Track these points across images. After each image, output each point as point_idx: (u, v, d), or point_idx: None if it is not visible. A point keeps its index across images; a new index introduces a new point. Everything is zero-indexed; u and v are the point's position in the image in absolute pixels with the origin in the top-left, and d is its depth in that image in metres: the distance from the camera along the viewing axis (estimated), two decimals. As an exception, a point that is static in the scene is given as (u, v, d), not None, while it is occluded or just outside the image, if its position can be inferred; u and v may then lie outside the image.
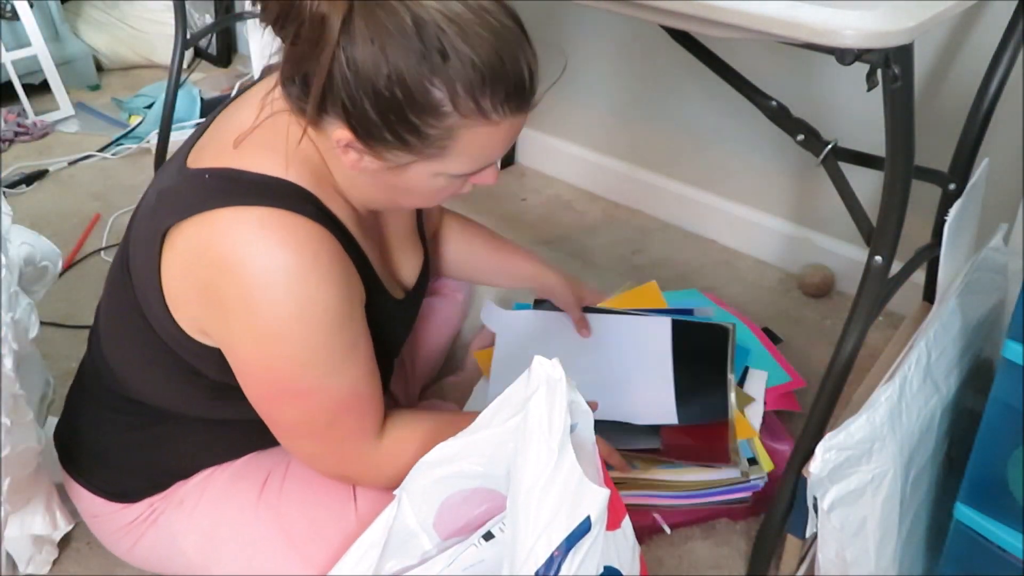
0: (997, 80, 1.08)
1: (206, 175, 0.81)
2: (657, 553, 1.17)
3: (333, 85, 0.73)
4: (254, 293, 0.77)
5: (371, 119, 0.75)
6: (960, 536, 0.87)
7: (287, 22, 0.73)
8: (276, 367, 0.81)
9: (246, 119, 0.83)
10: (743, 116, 1.66)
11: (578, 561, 0.71)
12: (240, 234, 0.77)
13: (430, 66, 0.72)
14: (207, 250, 0.78)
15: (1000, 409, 0.83)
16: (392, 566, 0.86)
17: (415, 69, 0.72)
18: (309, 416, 0.85)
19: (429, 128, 0.75)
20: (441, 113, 0.75)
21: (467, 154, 0.79)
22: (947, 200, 1.15)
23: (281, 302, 0.77)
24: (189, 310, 0.83)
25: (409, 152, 0.78)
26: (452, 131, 0.76)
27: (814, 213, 1.69)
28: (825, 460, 0.85)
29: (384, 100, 0.73)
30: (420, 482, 0.84)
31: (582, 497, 0.71)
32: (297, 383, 0.82)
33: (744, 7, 0.77)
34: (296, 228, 0.78)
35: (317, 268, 0.78)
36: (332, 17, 0.70)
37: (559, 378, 0.74)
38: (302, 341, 0.80)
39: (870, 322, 0.99)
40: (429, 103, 0.74)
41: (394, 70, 0.72)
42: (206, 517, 0.98)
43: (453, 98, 0.74)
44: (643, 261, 1.79)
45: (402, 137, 0.76)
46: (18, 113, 2.32)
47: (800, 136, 1.12)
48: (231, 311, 0.79)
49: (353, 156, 0.79)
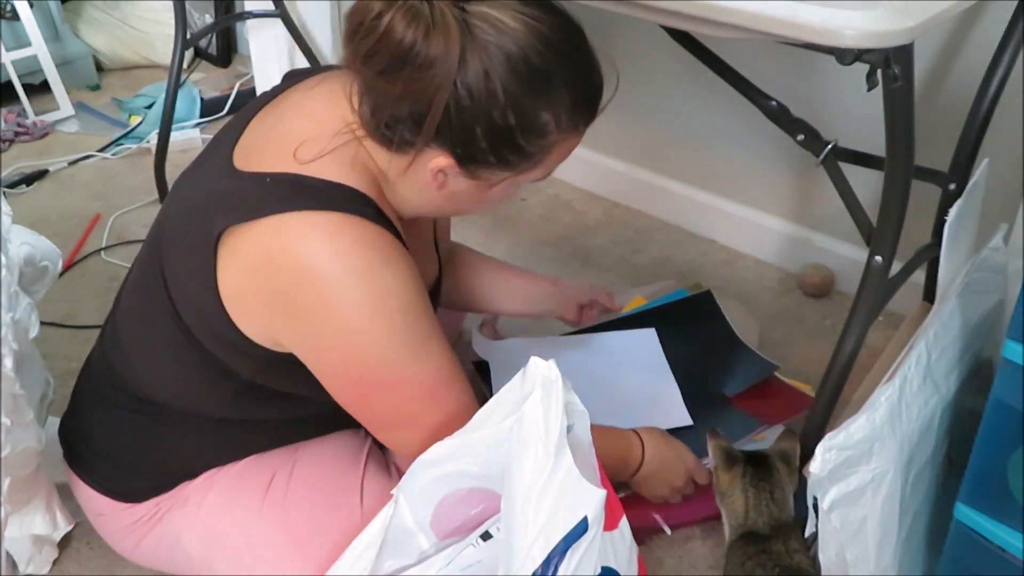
0: (997, 80, 1.08)
1: (267, 179, 0.82)
2: (657, 553, 1.17)
3: (447, 119, 0.77)
4: (333, 296, 0.79)
5: (479, 147, 0.80)
6: (960, 536, 0.87)
7: (402, 68, 0.76)
8: (362, 364, 0.83)
9: (299, 128, 0.85)
10: (743, 116, 1.66)
11: (576, 562, 0.71)
12: (312, 239, 0.79)
13: (538, 93, 0.78)
14: (278, 255, 0.79)
15: (1000, 409, 0.82)
16: (390, 566, 0.86)
17: (527, 97, 0.78)
18: (400, 407, 0.87)
19: (532, 147, 0.82)
20: (546, 133, 0.81)
21: (551, 163, 0.86)
22: (947, 200, 1.15)
23: (360, 301, 0.79)
24: (256, 317, 0.84)
25: (508, 169, 0.83)
26: (550, 146, 0.83)
27: (814, 213, 1.69)
28: (825, 460, 0.85)
29: (496, 128, 0.78)
30: (417, 481, 0.84)
31: (579, 498, 0.71)
32: (384, 376, 0.84)
33: (744, 7, 0.77)
34: (364, 230, 0.80)
35: (388, 266, 0.80)
36: (450, 59, 0.74)
37: (555, 379, 0.74)
38: (385, 335, 0.82)
39: (870, 322, 0.99)
40: (537, 126, 0.80)
41: (509, 100, 0.77)
42: (210, 516, 0.98)
43: (557, 120, 0.81)
44: (643, 261, 1.79)
45: (506, 158, 0.82)
46: (18, 113, 2.32)
47: (800, 136, 1.12)
48: (309, 316, 0.80)
49: (440, 178, 0.83)
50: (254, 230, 0.79)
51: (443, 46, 0.74)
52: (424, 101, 0.76)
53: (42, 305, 1.16)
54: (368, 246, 0.80)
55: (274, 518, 0.96)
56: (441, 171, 0.82)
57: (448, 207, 0.91)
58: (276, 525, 0.96)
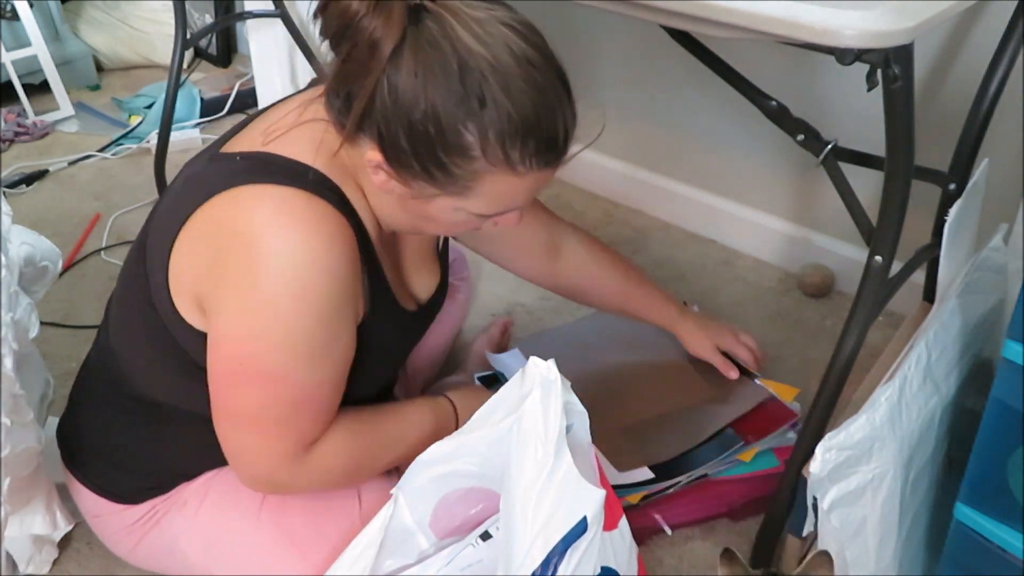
0: (997, 80, 1.08)
1: (237, 157, 0.83)
2: (657, 553, 1.17)
3: (373, 108, 0.75)
4: (259, 264, 0.78)
5: (402, 148, 0.77)
6: (960, 536, 0.87)
7: (343, 39, 0.75)
8: (255, 343, 0.80)
9: (278, 113, 0.86)
10: (743, 116, 1.66)
11: (575, 562, 0.71)
12: (261, 208, 0.78)
13: (466, 110, 0.74)
14: (226, 222, 0.80)
15: (1000, 409, 0.82)
16: (389, 565, 0.87)
17: (451, 110, 0.74)
18: (266, 404, 0.83)
19: (455, 167, 0.77)
20: (469, 156, 0.76)
21: (489, 198, 0.81)
22: (947, 200, 1.15)
23: (282, 278, 0.78)
24: (189, 282, 0.83)
25: (434, 185, 0.79)
26: (477, 174, 0.78)
27: (814, 213, 1.69)
28: (825, 460, 0.85)
29: (417, 133, 0.75)
30: (416, 481, 0.84)
31: (579, 497, 0.71)
32: (270, 365, 0.81)
33: (744, 7, 0.77)
34: (315, 211, 0.79)
35: (328, 255, 0.79)
36: (384, 43, 0.72)
37: (554, 379, 0.74)
38: (291, 321, 0.79)
39: (870, 322, 0.99)
40: (459, 145, 0.76)
41: (431, 107, 0.73)
42: (209, 519, 0.98)
43: (483, 144, 0.75)
44: (643, 261, 1.79)
45: (429, 171, 0.78)
46: (18, 113, 2.32)
47: (800, 136, 1.12)
48: (231, 279, 0.79)
49: (382, 176, 0.81)
50: (212, 205, 0.80)
51: (382, 28, 0.72)
52: (358, 81, 0.75)
53: (42, 305, 1.16)
54: (314, 227, 0.78)
55: (273, 522, 0.96)
56: (377, 166, 0.80)
57: (405, 220, 0.88)
58: (275, 529, 0.96)
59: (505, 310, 1.63)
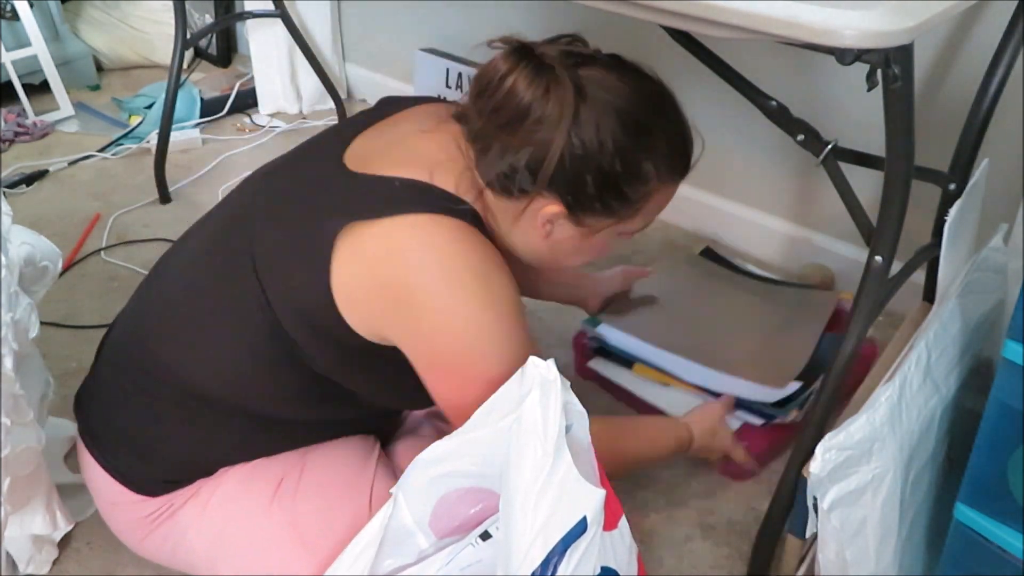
0: (997, 80, 1.08)
1: (396, 183, 0.88)
2: (657, 553, 1.17)
3: (561, 168, 0.86)
4: (450, 291, 0.86)
5: (588, 193, 0.89)
6: (960, 536, 0.87)
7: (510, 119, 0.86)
8: (471, 355, 0.88)
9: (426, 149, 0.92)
10: (743, 116, 1.65)
11: (575, 562, 0.71)
12: (436, 237, 0.86)
13: (640, 142, 0.88)
14: (400, 251, 0.86)
15: (1000, 409, 0.82)
16: (389, 564, 0.86)
17: (631, 145, 0.88)
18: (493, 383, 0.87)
19: (635, 195, 0.91)
20: (648, 180, 0.91)
21: (651, 212, 0.97)
22: (947, 200, 1.15)
23: (475, 297, 0.86)
24: (366, 310, 0.88)
25: (611, 216, 0.93)
26: (649, 195, 0.93)
27: (814, 213, 1.69)
28: (825, 460, 0.85)
29: (604, 174, 0.88)
30: (416, 480, 0.84)
31: (578, 497, 0.71)
32: (487, 371, 0.87)
33: (744, 7, 0.77)
34: (480, 239, 0.89)
35: (498, 269, 0.88)
36: (564, 114, 0.84)
37: (553, 379, 0.74)
38: (494, 330, 0.88)
39: (870, 322, 0.99)
40: (641, 173, 0.90)
41: (617, 148, 0.87)
42: (219, 512, 0.98)
43: (657, 168, 0.91)
44: (643, 261, 1.78)
45: (610, 205, 0.91)
46: (18, 113, 2.32)
47: (800, 136, 1.12)
48: (424, 310, 0.86)
49: (548, 227, 0.93)
50: (381, 227, 0.85)
51: (559, 104, 0.84)
52: (541, 152, 0.86)
53: (42, 305, 1.16)
54: (484, 252, 0.88)
55: (282, 519, 0.96)
56: (550, 219, 0.91)
57: (548, 256, 0.98)
58: (284, 526, 0.96)
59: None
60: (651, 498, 1.25)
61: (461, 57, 2.18)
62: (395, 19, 2.32)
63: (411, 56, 2.26)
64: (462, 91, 2.15)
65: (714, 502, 1.25)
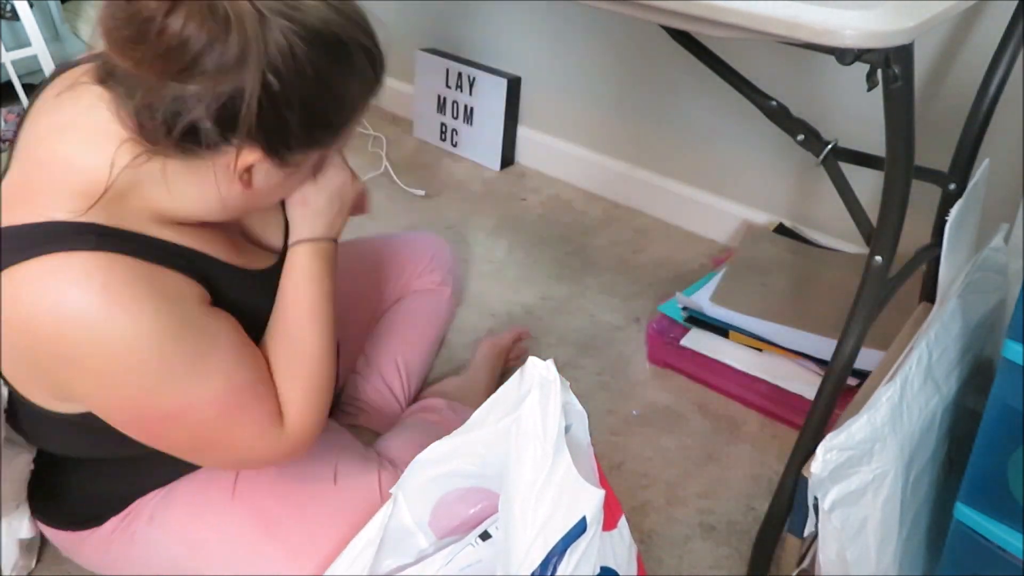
0: (997, 80, 1.08)
1: None
2: (657, 553, 1.17)
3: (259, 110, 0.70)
4: (70, 350, 0.72)
5: (292, 131, 0.74)
6: (960, 536, 0.87)
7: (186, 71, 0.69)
8: (136, 402, 0.77)
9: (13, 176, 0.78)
10: (743, 116, 1.66)
11: (574, 562, 0.71)
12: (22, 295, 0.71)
13: (341, 61, 0.74)
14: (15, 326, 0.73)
15: (1000, 409, 0.82)
16: (389, 564, 0.86)
17: (332, 68, 0.73)
18: (198, 431, 0.80)
19: (340, 119, 0.78)
20: (352, 102, 0.78)
21: (352, 130, 0.82)
22: (947, 200, 1.14)
23: (99, 347, 0.72)
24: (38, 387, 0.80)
25: (316, 148, 0.80)
26: (355, 114, 0.79)
27: (814, 213, 1.69)
28: (826, 460, 0.85)
29: (307, 108, 0.74)
30: (415, 480, 0.84)
31: (578, 497, 0.71)
32: (165, 407, 0.77)
33: (744, 7, 0.77)
34: (77, 266, 0.71)
35: (115, 298, 0.72)
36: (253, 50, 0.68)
37: (552, 379, 0.74)
38: (141, 370, 0.74)
39: (870, 322, 0.99)
40: (346, 97, 0.77)
41: (317, 74, 0.72)
42: (182, 527, 0.96)
43: (360, 85, 0.77)
44: (643, 261, 1.79)
45: (316, 137, 0.78)
46: (18, 113, 2.32)
47: (800, 136, 1.12)
48: (63, 370, 0.75)
49: (246, 176, 0.77)
50: None
51: (244, 37, 0.68)
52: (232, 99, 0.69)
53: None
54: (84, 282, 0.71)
55: (247, 513, 0.95)
56: (248, 169, 0.76)
57: (247, 206, 0.83)
58: (250, 519, 0.95)
59: (505, 310, 1.63)
60: (651, 498, 1.25)
61: (461, 57, 2.18)
62: (395, 19, 2.32)
63: (411, 56, 2.26)
64: (462, 91, 2.15)
65: (714, 502, 1.25)
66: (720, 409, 1.42)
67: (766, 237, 1.69)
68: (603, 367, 1.49)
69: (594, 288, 1.70)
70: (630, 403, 1.42)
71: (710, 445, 1.34)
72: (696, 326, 1.47)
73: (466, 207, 1.99)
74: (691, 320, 1.47)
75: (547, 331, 1.58)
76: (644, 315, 1.62)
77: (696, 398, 1.44)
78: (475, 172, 2.15)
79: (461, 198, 2.03)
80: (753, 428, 1.38)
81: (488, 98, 2.11)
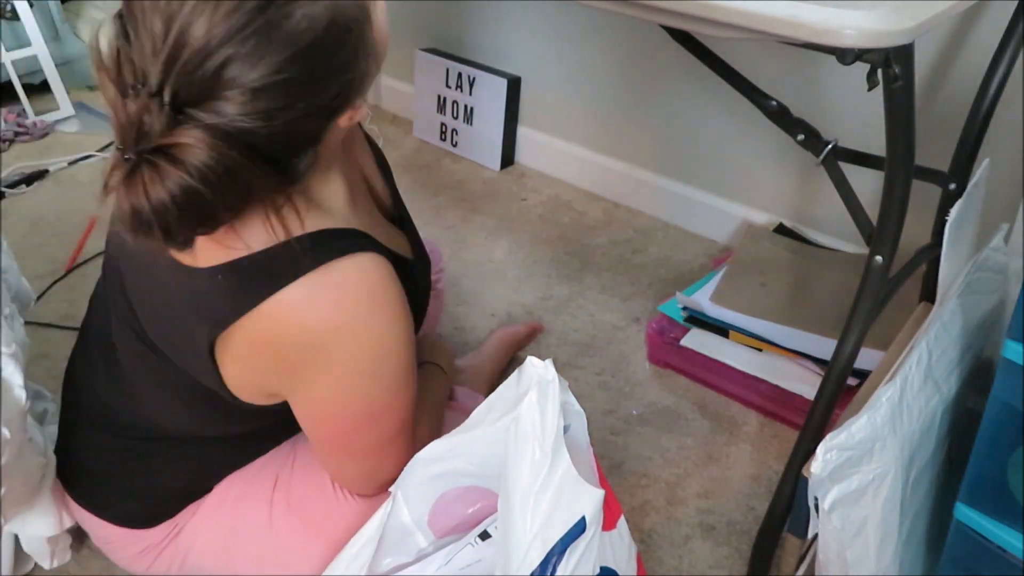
0: (997, 80, 1.08)
1: (218, 276, 0.77)
2: (657, 553, 1.17)
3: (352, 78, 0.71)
4: (329, 355, 0.78)
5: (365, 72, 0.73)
6: (960, 536, 0.87)
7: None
8: (354, 403, 0.83)
9: None
10: (743, 116, 1.66)
11: (574, 562, 0.71)
12: (296, 312, 0.76)
13: None
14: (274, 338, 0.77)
15: (1000, 409, 0.82)
16: (388, 564, 0.86)
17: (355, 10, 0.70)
18: (382, 432, 0.86)
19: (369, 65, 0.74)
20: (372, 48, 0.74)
21: None
22: (947, 200, 1.14)
23: (355, 354, 0.79)
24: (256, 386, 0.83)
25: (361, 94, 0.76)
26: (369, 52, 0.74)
27: (814, 213, 1.69)
28: (826, 460, 0.85)
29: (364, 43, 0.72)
30: (414, 479, 0.84)
31: (577, 498, 0.71)
32: (373, 409, 0.84)
33: (744, 7, 0.77)
34: (344, 276, 0.77)
35: (376, 307, 0.78)
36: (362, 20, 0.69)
37: (551, 379, 0.74)
38: (379, 375, 0.82)
39: (870, 322, 0.99)
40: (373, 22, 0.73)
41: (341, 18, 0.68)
42: (223, 521, 0.98)
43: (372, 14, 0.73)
44: (643, 261, 1.79)
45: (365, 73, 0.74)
46: (18, 113, 2.32)
47: (800, 136, 1.12)
48: (308, 374, 0.80)
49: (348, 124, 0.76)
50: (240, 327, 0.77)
51: None
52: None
53: (43, 306, 1.16)
54: (352, 292, 0.77)
55: (285, 507, 0.97)
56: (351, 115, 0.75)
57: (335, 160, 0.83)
58: (288, 513, 0.96)
59: (505, 310, 1.63)
60: (651, 498, 1.25)
61: (461, 57, 2.18)
62: (395, 19, 2.32)
63: (411, 56, 2.26)
64: (462, 91, 2.15)
65: (714, 502, 1.25)
66: (720, 409, 1.42)
67: (766, 237, 1.69)
68: (603, 367, 1.49)
69: (594, 288, 1.70)
70: (630, 403, 1.42)
71: (710, 445, 1.34)
72: (696, 326, 1.47)
73: (466, 207, 1.99)
74: (691, 320, 1.47)
75: (547, 331, 1.58)
76: (644, 315, 1.62)
77: (696, 398, 1.44)
78: (475, 172, 2.15)
79: (461, 198, 2.03)
80: (753, 428, 1.38)
81: (488, 98, 2.11)
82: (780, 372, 1.38)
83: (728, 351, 1.43)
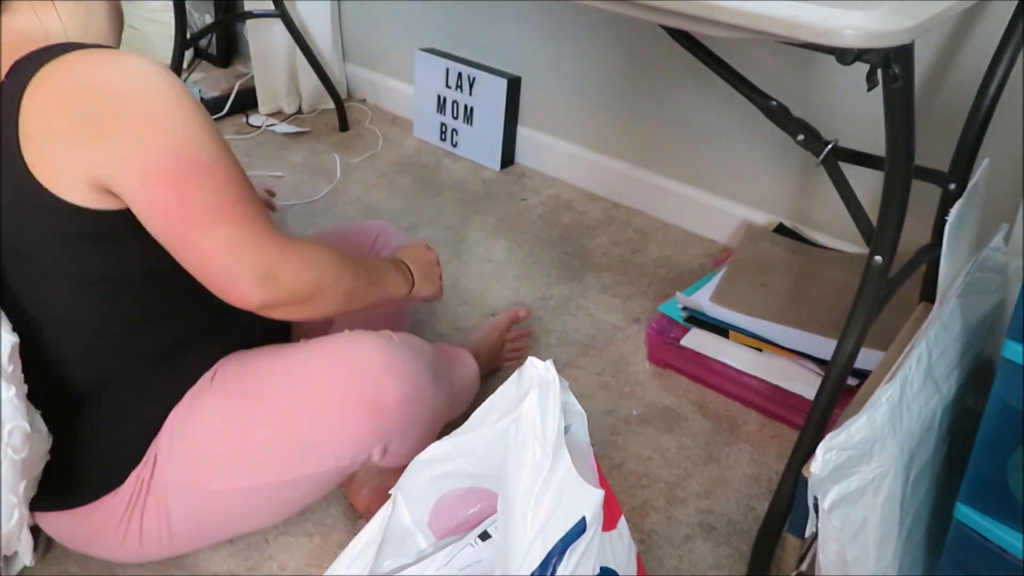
0: (997, 80, 1.08)
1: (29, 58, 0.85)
2: (657, 553, 1.17)
3: None
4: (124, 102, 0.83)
5: None
6: (960, 536, 0.87)
7: None
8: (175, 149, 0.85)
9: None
10: (743, 116, 1.66)
11: (574, 562, 0.71)
12: (100, 61, 0.84)
13: None
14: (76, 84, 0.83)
15: (1000, 409, 0.82)
16: (388, 565, 0.86)
17: None
18: (220, 190, 0.87)
19: None
20: None
21: None
22: (947, 200, 1.14)
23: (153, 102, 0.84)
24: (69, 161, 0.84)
25: None
26: None
27: (814, 213, 1.69)
28: (826, 460, 0.85)
29: None
30: (415, 481, 0.84)
31: (577, 498, 0.71)
32: (199, 156, 0.86)
33: (744, 7, 0.77)
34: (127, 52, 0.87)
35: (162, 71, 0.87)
36: None
37: (552, 379, 0.74)
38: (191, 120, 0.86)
39: (870, 322, 0.99)
40: None
41: None
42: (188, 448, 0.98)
43: None
44: (643, 261, 1.79)
45: None
46: (18, 113, 2.32)
47: (800, 136, 1.12)
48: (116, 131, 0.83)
49: None
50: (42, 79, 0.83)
51: None
52: None
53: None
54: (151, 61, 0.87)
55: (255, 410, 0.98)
56: None
57: None
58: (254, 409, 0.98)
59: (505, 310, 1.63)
60: (651, 498, 1.25)
61: (461, 57, 2.18)
62: (395, 19, 2.32)
63: (411, 56, 2.26)
64: (462, 91, 2.15)
65: (714, 502, 1.25)
66: (720, 409, 1.42)
67: (766, 237, 1.69)
68: (603, 367, 1.50)
69: (594, 288, 1.70)
70: (630, 403, 1.42)
71: (710, 445, 1.35)
72: (696, 326, 1.47)
73: (466, 207, 1.99)
74: (691, 320, 1.47)
75: (547, 331, 1.58)
76: (644, 315, 1.62)
77: (696, 398, 1.44)
78: (475, 172, 2.15)
79: (461, 198, 2.03)
80: (753, 428, 1.38)
81: (488, 98, 2.11)
82: (780, 372, 1.38)
83: (728, 351, 1.43)
